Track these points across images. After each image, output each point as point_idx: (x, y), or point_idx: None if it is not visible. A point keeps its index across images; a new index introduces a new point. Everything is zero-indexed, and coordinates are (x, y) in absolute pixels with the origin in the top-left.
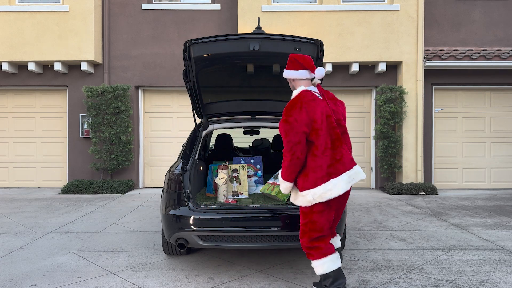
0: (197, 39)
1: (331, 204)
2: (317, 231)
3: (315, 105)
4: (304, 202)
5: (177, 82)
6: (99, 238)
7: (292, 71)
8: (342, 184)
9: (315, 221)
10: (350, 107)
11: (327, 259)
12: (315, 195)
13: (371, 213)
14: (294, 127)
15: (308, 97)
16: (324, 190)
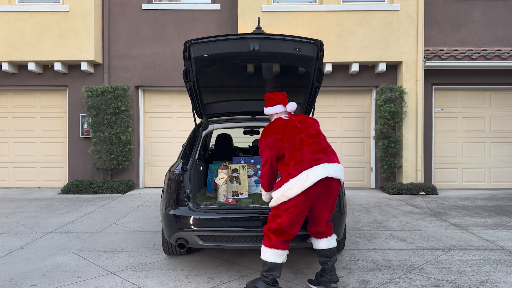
0: (197, 39)
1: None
2: (277, 224)
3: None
4: (273, 202)
5: (177, 82)
6: (99, 238)
7: (269, 108)
8: (300, 183)
9: (281, 217)
10: (350, 107)
11: (271, 251)
12: (278, 194)
13: (371, 213)
14: (266, 149)
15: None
16: (284, 190)
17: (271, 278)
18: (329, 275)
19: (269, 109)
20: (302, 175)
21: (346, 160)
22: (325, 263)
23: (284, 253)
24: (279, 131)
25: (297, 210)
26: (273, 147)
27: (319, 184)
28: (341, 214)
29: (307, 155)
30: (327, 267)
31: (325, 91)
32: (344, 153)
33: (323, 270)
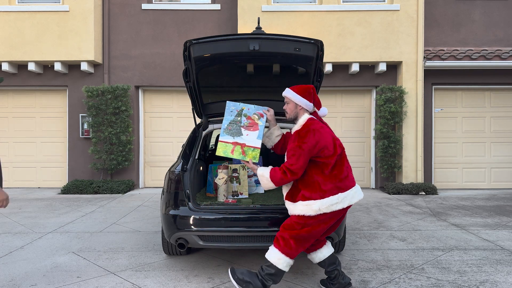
0: (197, 39)
1: (334, 217)
2: (306, 232)
3: (325, 132)
4: (308, 211)
5: (177, 82)
6: (99, 238)
7: (305, 100)
8: (349, 198)
9: (312, 226)
10: (350, 107)
11: (286, 259)
12: (322, 205)
13: (371, 213)
14: (306, 152)
15: (317, 125)
16: (332, 202)
17: (270, 284)
18: (341, 278)
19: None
20: (351, 192)
21: None
22: (333, 270)
23: (293, 263)
24: (328, 141)
25: (330, 222)
26: (314, 151)
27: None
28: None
29: (350, 172)
30: (337, 273)
31: (325, 91)
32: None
33: (334, 278)
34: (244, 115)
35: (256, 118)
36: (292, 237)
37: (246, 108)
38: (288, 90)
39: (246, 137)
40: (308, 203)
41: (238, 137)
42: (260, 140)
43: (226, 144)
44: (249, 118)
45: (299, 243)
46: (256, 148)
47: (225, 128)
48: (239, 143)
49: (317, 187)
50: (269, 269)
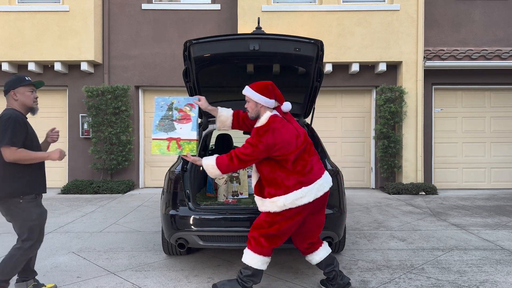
0: (197, 39)
1: (301, 212)
2: (274, 230)
3: (286, 130)
4: (274, 207)
5: (177, 82)
6: (99, 238)
7: (264, 97)
8: (314, 192)
9: (280, 223)
10: (350, 107)
11: (260, 257)
12: (287, 201)
13: (371, 213)
14: (261, 150)
15: (278, 123)
16: (296, 197)
17: (251, 285)
18: (340, 279)
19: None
20: (316, 185)
21: (346, 160)
22: (331, 271)
23: (269, 260)
24: (289, 138)
25: (299, 217)
26: (272, 149)
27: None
28: (341, 214)
29: (316, 164)
30: (335, 274)
31: (325, 91)
32: (344, 153)
33: (333, 279)
34: (175, 109)
35: (188, 109)
36: (262, 236)
37: (176, 101)
38: (247, 88)
39: (180, 130)
40: (273, 200)
41: (172, 132)
42: (195, 131)
43: (160, 141)
44: (181, 111)
45: (269, 240)
46: (192, 140)
47: (157, 124)
48: (173, 138)
49: (280, 183)
50: (246, 271)
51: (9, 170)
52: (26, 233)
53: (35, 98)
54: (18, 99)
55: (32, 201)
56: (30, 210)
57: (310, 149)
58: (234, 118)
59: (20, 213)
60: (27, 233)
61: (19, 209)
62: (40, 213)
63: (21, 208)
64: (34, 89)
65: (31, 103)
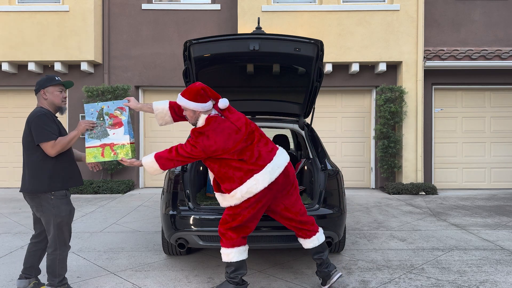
0: (197, 39)
1: (261, 199)
2: (238, 222)
3: (221, 130)
4: (234, 201)
5: (177, 82)
6: (99, 238)
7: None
8: (267, 176)
9: (242, 214)
10: (350, 107)
11: (235, 250)
12: (242, 192)
13: (371, 213)
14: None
15: (213, 124)
16: (250, 185)
17: (240, 278)
18: (325, 267)
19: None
20: (268, 168)
21: (346, 160)
22: (319, 258)
23: (246, 248)
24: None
25: (259, 204)
26: (208, 153)
27: (280, 174)
28: (341, 214)
29: (263, 149)
30: (322, 261)
31: (325, 91)
32: (344, 153)
33: (320, 265)
34: (106, 114)
35: (119, 113)
36: (228, 229)
37: (106, 106)
38: (179, 97)
39: (113, 136)
40: (231, 194)
41: (105, 138)
42: (127, 135)
43: (94, 148)
44: (112, 116)
45: (237, 231)
46: (126, 144)
47: (89, 132)
48: (107, 144)
49: (232, 176)
50: (230, 268)
51: (40, 166)
52: (52, 230)
53: (64, 98)
54: (48, 98)
55: (63, 198)
56: (60, 207)
57: (254, 136)
58: (171, 112)
59: (51, 209)
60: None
61: (50, 205)
62: (70, 210)
63: (52, 204)
64: (63, 89)
65: (60, 102)
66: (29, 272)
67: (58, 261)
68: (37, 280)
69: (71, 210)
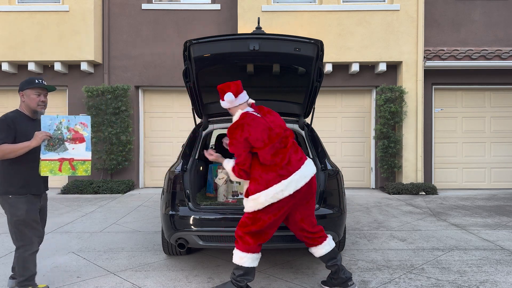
0: (197, 39)
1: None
2: (258, 227)
3: (256, 125)
4: (257, 205)
5: (177, 82)
6: (99, 238)
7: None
8: (293, 184)
9: (262, 219)
10: (350, 107)
11: (248, 255)
12: (268, 196)
13: (371, 213)
14: (241, 143)
15: (247, 118)
16: (276, 190)
17: (245, 283)
18: (342, 273)
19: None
20: (295, 176)
21: (346, 160)
22: (334, 265)
23: (259, 256)
24: (260, 132)
25: (281, 211)
26: (248, 146)
27: (306, 183)
28: (341, 214)
29: (293, 156)
30: (337, 268)
31: (325, 91)
32: (344, 153)
33: (335, 273)
34: (66, 128)
35: (80, 128)
36: (246, 233)
37: (66, 120)
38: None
39: (73, 151)
40: (254, 197)
41: (64, 153)
42: (89, 151)
43: (51, 162)
44: (72, 130)
45: (255, 237)
46: (87, 161)
47: (46, 144)
48: (66, 158)
49: (259, 179)
50: (238, 271)
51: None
52: (10, 228)
53: (41, 102)
54: (25, 101)
55: (21, 198)
56: (17, 206)
57: (287, 141)
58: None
59: (8, 207)
60: (12, 228)
61: (8, 203)
62: (27, 210)
63: (10, 203)
64: (42, 93)
65: (35, 106)
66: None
67: (18, 260)
68: None
69: (28, 210)
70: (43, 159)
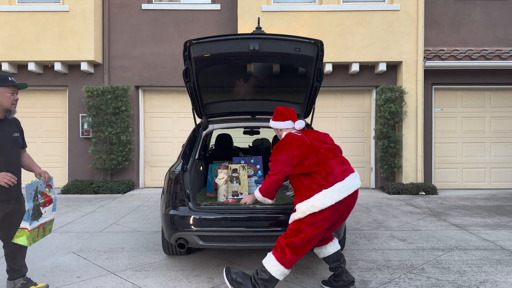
0: (197, 39)
1: (326, 219)
2: (300, 239)
3: (296, 144)
4: (298, 214)
5: (177, 82)
6: (99, 238)
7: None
8: (335, 194)
9: (305, 231)
10: (350, 107)
11: (281, 267)
12: (308, 204)
13: (371, 213)
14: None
15: (287, 137)
16: (316, 199)
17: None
18: (345, 277)
19: (279, 124)
20: (337, 186)
21: None
22: (337, 267)
23: (288, 272)
24: (297, 147)
25: (324, 225)
26: (287, 163)
27: (348, 196)
28: None
29: (336, 168)
30: (341, 270)
31: (325, 91)
32: (344, 153)
33: (338, 275)
34: (39, 193)
35: (48, 191)
36: (287, 245)
37: (39, 185)
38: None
39: (45, 214)
40: (297, 206)
41: (41, 218)
42: (54, 211)
43: (34, 230)
44: (43, 194)
45: (294, 251)
46: (52, 219)
47: (31, 214)
48: (42, 223)
49: (303, 192)
50: (264, 274)
51: None
52: None
53: (15, 100)
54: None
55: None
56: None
57: (328, 153)
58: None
59: None
60: None
61: None
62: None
63: None
64: (16, 91)
65: (9, 104)
66: (11, 274)
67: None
68: (26, 280)
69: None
70: (30, 230)
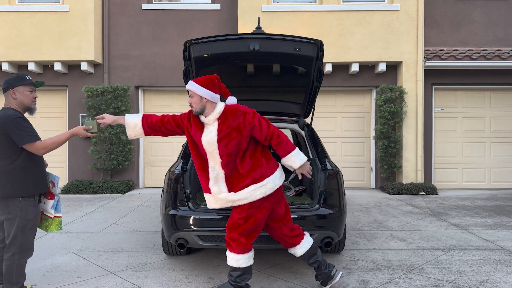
0: (197, 39)
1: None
2: (251, 224)
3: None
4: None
5: (177, 82)
6: (99, 238)
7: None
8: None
9: (254, 215)
10: (350, 107)
11: (244, 256)
12: (276, 179)
13: (371, 213)
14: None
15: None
16: (279, 175)
17: (245, 282)
18: (324, 268)
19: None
20: (280, 170)
21: (346, 160)
22: (315, 261)
23: (253, 253)
24: None
25: (269, 207)
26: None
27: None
28: (341, 214)
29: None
30: (319, 263)
31: (325, 91)
32: (344, 153)
33: (318, 268)
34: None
35: (50, 186)
36: (241, 235)
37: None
38: (191, 82)
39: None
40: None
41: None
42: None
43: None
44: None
45: (249, 237)
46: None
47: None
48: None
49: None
50: (236, 272)
51: (9, 170)
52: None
53: (34, 98)
54: (17, 98)
55: (32, 200)
56: (27, 209)
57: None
58: (143, 123)
59: (17, 210)
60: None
61: (18, 207)
62: (36, 213)
63: (19, 206)
64: (34, 89)
65: (30, 102)
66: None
67: (16, 267)
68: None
69: (37, 213)
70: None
